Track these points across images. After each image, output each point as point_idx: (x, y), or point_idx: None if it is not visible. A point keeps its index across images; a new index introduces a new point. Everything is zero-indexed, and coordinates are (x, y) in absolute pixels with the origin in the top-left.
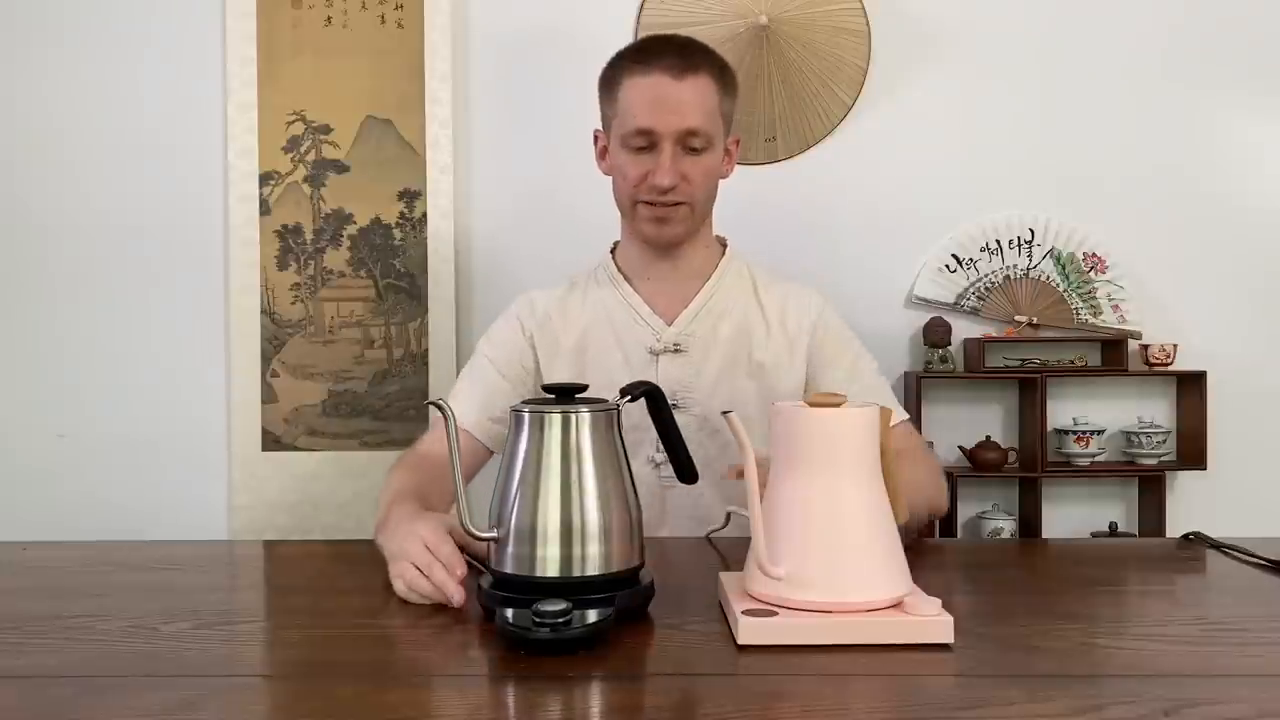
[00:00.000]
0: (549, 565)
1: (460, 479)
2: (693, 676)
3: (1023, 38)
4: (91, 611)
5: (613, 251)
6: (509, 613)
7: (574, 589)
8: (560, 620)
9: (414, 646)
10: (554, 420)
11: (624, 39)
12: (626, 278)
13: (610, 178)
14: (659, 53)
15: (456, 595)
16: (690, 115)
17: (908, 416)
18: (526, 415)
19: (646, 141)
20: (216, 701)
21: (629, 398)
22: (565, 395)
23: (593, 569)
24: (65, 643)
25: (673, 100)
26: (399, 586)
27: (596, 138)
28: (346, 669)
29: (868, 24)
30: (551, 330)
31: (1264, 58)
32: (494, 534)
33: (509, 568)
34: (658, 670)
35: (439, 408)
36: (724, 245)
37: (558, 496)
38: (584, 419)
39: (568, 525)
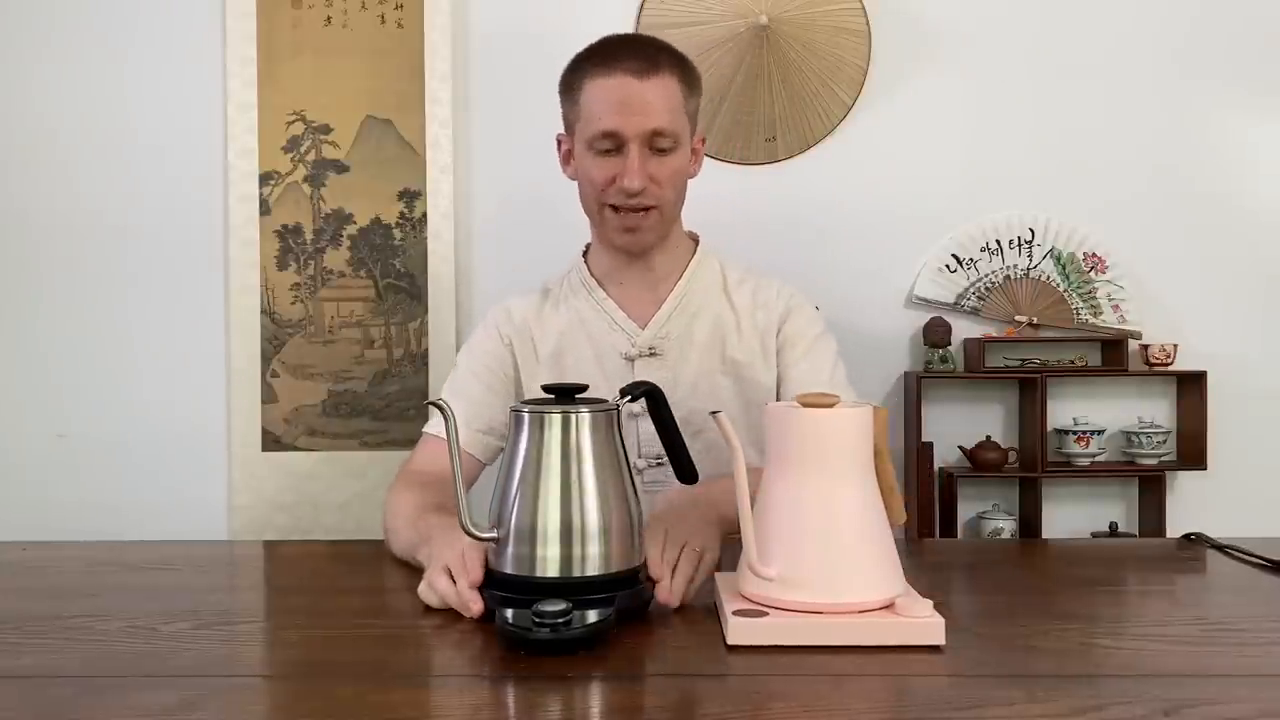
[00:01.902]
0: (549, 565)
1: (460, 477)
2: (688, 677)
3: (1023, 38)
4: (91, 611)
5: (585, 255)
6: (509, 613)
7: (574, 589)
8: (560, 620)
9: (414, 646)
10: (554, 420)
11: None
12: (599, 282)
13: (575, 183)
14: (621, 53)
15: (475, 605)
16: (656, 115)
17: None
18: (526, 415)
19: (613, 144)
20: (216, 701)
21: (629, 398)
22: (565, 395)
23: (593, 569)
24: (65, 643)
25: (637, 101)
26: (423, 589)
27: (560, 142)
28: (346, 669)
29: (868, 24)
30: (529, 338)
31: (1263, 58)
32: (494, 534)
33: (509, 568)
34: (656, 671)
35: (439, 407)
36: (695, 241)
37: (558, 496)
38: (584, 419)
39: (568, 525)
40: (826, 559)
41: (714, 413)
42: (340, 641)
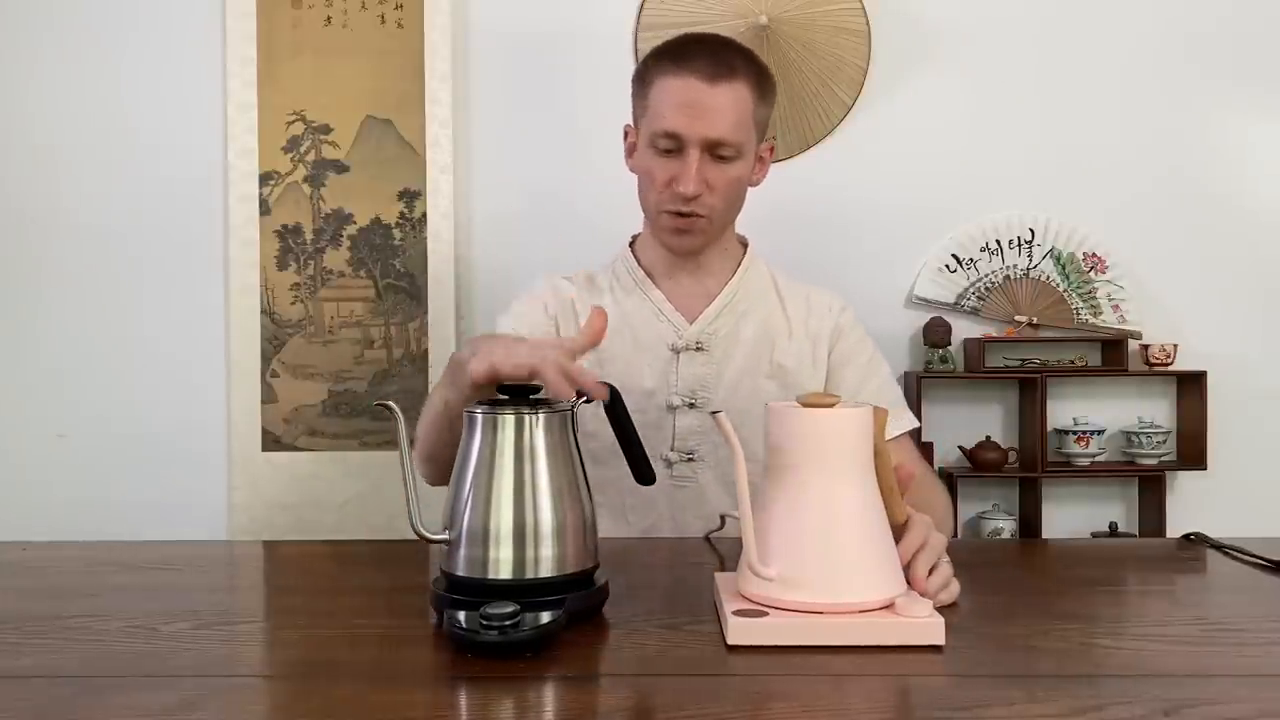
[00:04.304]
0: (501, 567)
1: (410, 477)
2: (687, 677)
3: (1022, 38)
4: (91, 611)
5: (632, 245)
6: (460, 615)
7: (527, 591)
8: (508, 623)
9: (413, 646)
10: (507, 421)
11: (624, 39)
12: (648, 273)
13: (636, 175)
14: (695, 54)
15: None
16: (718, 124)
17: (917, 424)
18: (480, 416)
19: (673, 145)
20: (216, 701)
21: (585, 399)
22: (519, 396)
23: (546, 571)
24: (65, 643)
25: (702, 106)
26: (499, 357)
27: (626, 133)
28: (346, 669)
29: (868, 24)
30: (574, 320)
31: (1263, 58)
32: (446, 536)
33: (461, 570)
34: (655, 670)
35: (388, 408)
36: (744, 245)
37: (511, 498)
38: (538, 420)
39: (520, 527)
40: (826, 559)
41: (714, 413)
42: (339, 642)
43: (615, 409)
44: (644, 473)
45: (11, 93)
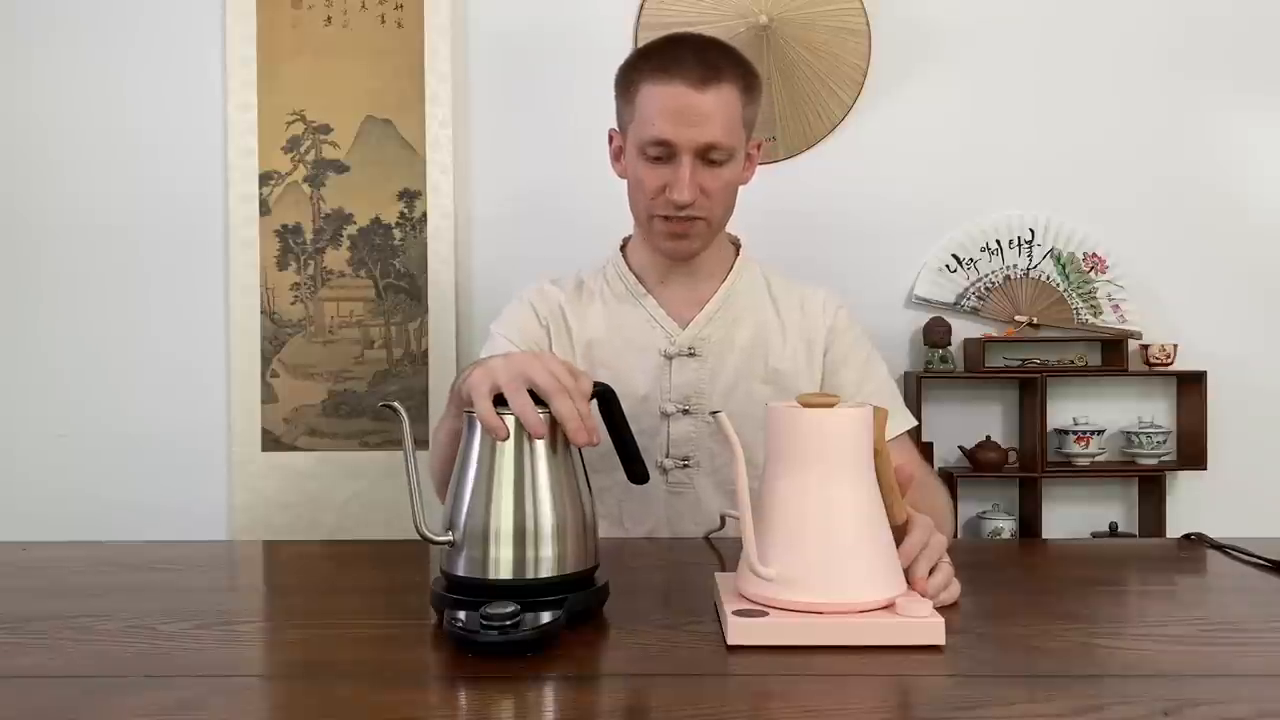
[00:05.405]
0: (502, 567)
1: (415, 479)
2: (687, 677)
3: (1022, 38)
4: (91, 611)
5: (622, 248)
6: (461, 615)
7: (527, 591)
8: (508, 623)
9: (413, 646)
10: (508, 422)
11: (624, 39)
12: (639, 278)
13: (625, 180)
14: (681, 59)
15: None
16: (711, 129)
17: (915, 423)
18: None
19: (664, 153)
20: (216, 701)
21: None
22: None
23: (546, 571)
24: (65, 643)
25: (693, 113)
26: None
27: (611, 137)
28: (346, 669)
29: (868, 24)
30: (564, 326)
31: (1263, 58)
32: (450, 538)
33: (462, 570)
34: (656, 670)
35: (393, 409)
36: (737, 246)
37: (511, 499)
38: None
39: (520, 527)
40: (826, 559)
41: (714, 413)
42: (339, 642)
43: (610, 408)
44: (637, 472)
45: (11, 93)
